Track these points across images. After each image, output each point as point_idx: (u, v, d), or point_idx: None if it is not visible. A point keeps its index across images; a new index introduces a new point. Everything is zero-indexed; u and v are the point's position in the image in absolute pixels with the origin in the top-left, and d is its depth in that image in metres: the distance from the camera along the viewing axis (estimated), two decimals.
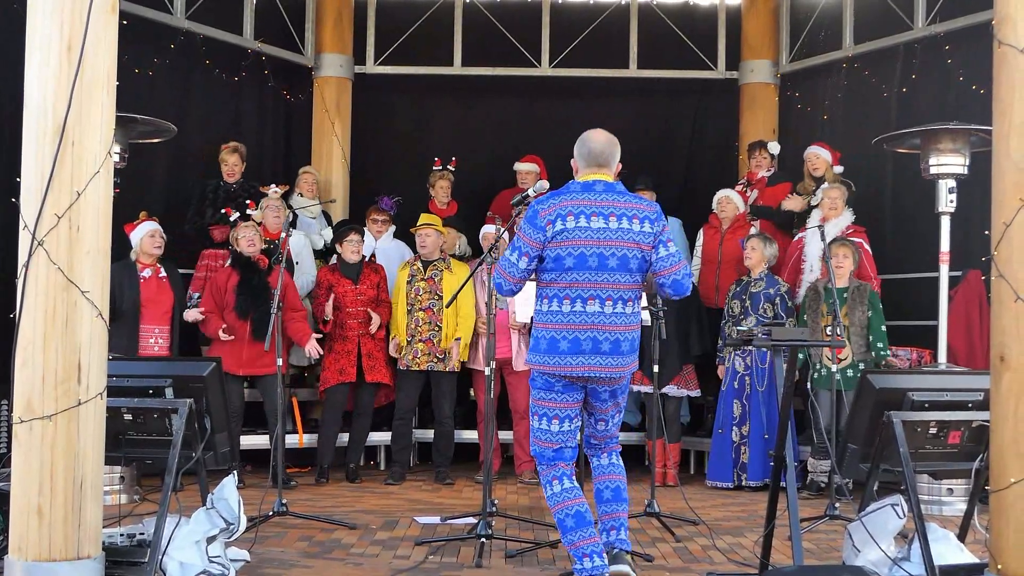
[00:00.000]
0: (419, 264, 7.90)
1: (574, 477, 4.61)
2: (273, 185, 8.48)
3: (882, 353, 7.23)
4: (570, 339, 4.44)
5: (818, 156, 8.33)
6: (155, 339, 7.30)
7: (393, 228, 8.82)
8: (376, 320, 7.75)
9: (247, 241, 7.48)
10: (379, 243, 8.53)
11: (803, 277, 7.85)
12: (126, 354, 6.91)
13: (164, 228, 7.56)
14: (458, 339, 7.76)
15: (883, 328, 7.27)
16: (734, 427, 7.62)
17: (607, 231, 4.43)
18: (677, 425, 7.98)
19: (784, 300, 7.59)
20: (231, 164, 8.45)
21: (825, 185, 8.02)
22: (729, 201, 8.44)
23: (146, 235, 7.32)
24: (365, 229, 8.32)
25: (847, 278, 7.28)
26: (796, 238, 8.15)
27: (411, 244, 8.80)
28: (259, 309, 7.33)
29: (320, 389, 7.91)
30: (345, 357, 7.71)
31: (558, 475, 4.56)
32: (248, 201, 8.13)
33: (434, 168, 9.13)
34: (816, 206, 8.03)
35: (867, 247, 7.81)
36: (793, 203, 8.33)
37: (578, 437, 4.65)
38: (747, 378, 7.60)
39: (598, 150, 4.58)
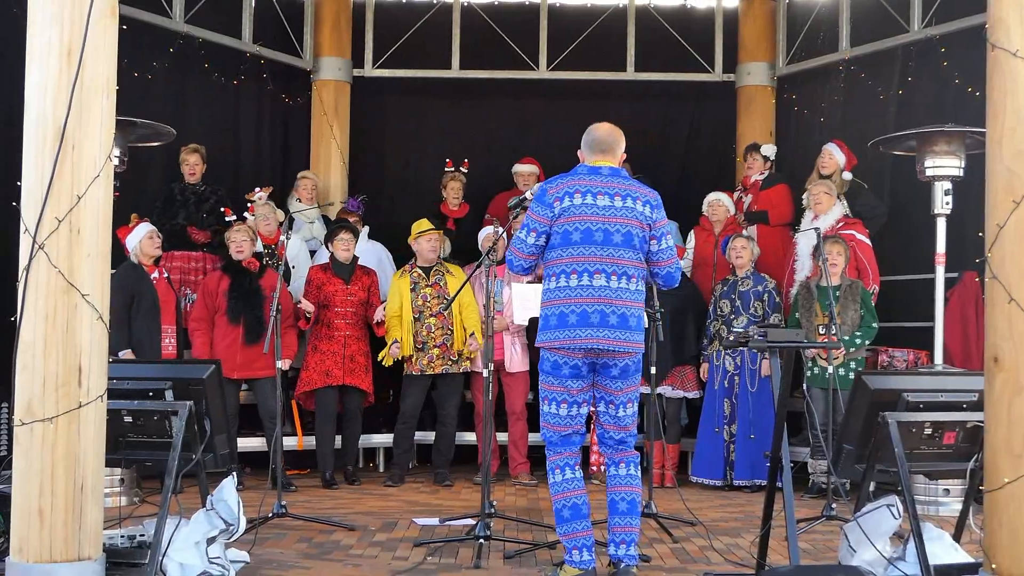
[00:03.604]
0: (419, 270, 7.87)
1: (577, 466, 4.72)
2: (257, 189, 8.46)
3: (856, 341, 7.19)
4: (579, 312, 4.56)
5: (831, 155, 8.19)
6: (169, 339, 7.37)
7: (367, 228, 8.81)
8: (380, 311, 7.69)
9: (236, 246, 7.49)
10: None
11: (796, 276, 7.86)
12: (154, 355, 6.97)
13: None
14: (472, 334, 7.71)
15: (874, 325, 7.27)
16: (724, 425, 7.66)
17: (612, 208, 4.61)
18: (677, 426, 8.01)
19: (772, 296, 7.64)
20: (191, 163, 8.39)
21: (810, 183, 8.04)
22: (720, 204, 8.46)
23: (145, 237, 7.35)
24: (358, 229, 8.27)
25: (839, 276, 7.29)
26: (793, 240, 8.17)
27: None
28: (251, 313, 7.36)
29: (300, 390, 7.73)
30: (331, 358, 7.65)
31: (561, 464, 4.69)
32: (249, 205, 8.13)
33: (446, 169, 9.19)
34: (805, 207, 8.05)
35: (862, 239, 7.77)
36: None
37: (585, 423, 4.77)
38: (736, 377, 7.63)
39: (602, 137, 4.80)
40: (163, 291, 7.35)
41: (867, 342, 7.32)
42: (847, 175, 8.18)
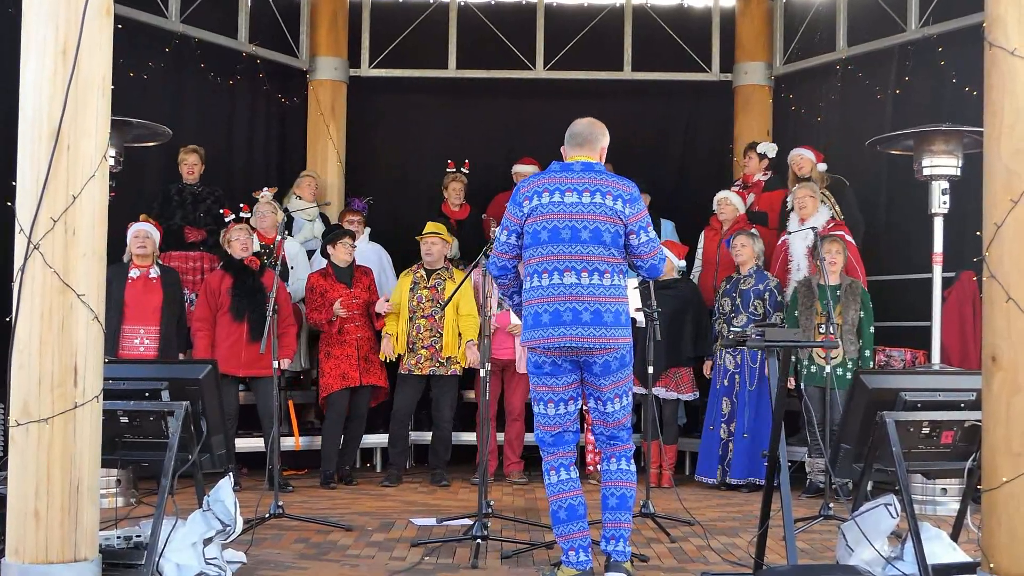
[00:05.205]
0: (422, 272, 7.88)
1: (573, 467, 4.71)
2: (264, 189, 8.47)
3: (867, 360, 7.24)
4: (551, 311, 4.56)
5: (802, 157, 8.28)
6: (140, 339, 7.32)
7: (368, 230, 8.82)
8: (383, 302, 7.73)
9: (240, 244, 7.47)
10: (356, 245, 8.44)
11: (791, 276, 7.85)
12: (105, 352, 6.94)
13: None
14: (470, 342, 7.73)
15: (871, 330, 7.28)
16: (722, 424, 7.66)
17: (580, 205, 4.58)
18: (674, 427, 8.00)
19: (773, 295, 7.62)
20: (190, 164, 8.39)
21: (795, 187, 8.04)
22: (728, 202, 8.43)
23: (130, 235, 7.36)
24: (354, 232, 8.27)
25: (838, 275, 7.29)
26: (780, 240, 8.16)
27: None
28: (255, 311, 7.35)
29: (322, 396, 7.78)
30: (346, 361, 7.66)
31: (556, 465, 4.69)
32: (242, 205, 8.12)
33: (447, 170, 9.20)
34: (792, 209, 8.04)
35: (850, 239, 7.80)
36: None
37: (578, 422, 4.76)
38: (737, 376, 7.63)
39: (578, 131, 4.79)
40: (142, 291, 7.31)
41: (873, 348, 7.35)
42: (822, 166, 8.23)
